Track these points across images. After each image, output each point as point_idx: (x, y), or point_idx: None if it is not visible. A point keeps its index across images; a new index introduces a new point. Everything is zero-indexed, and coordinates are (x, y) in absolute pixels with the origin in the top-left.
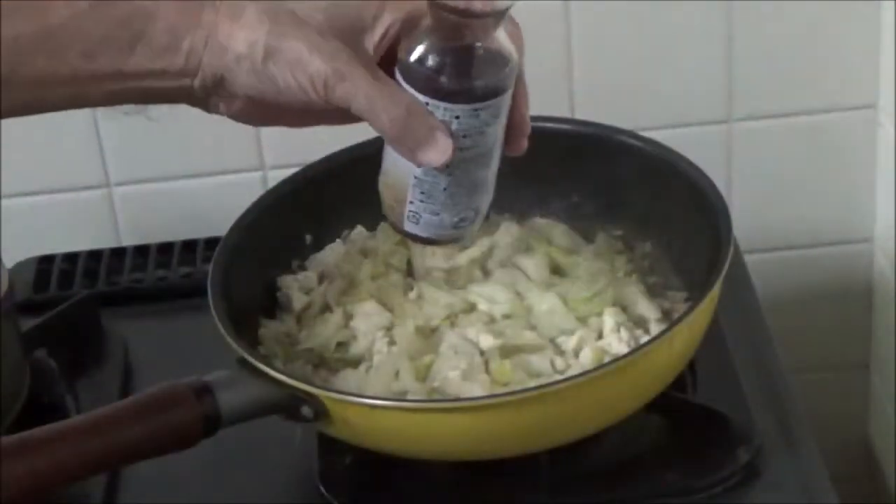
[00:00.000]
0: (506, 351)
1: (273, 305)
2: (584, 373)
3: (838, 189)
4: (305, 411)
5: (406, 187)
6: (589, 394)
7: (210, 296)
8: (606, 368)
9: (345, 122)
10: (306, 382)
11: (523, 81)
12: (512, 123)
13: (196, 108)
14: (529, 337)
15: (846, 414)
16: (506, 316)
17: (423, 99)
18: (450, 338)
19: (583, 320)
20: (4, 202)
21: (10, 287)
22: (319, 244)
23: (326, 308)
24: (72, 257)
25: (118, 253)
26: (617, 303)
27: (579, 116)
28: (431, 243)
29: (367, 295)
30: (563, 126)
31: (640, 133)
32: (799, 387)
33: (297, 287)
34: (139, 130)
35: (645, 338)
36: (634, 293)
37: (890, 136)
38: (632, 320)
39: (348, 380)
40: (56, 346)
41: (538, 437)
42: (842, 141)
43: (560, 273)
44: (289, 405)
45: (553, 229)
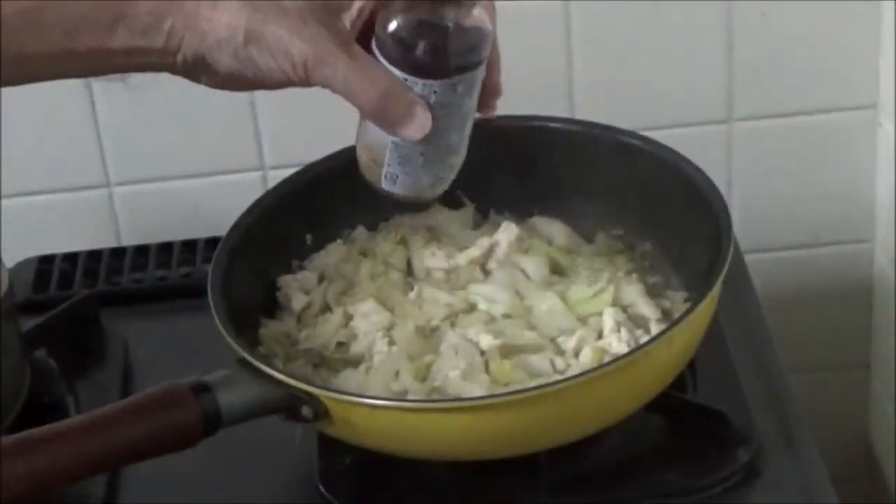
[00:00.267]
0: (506, 351)
1: (273, 305)
2: (584, 373)
3: (838, 189)
4: (305, 411)
5: (384, 150)
6: (589, 394)
7: (210, 296)
8: (606, 368)
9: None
10: (306, 382)
11: (496, 48)
12: (485, 89)
13: (196, 110)
14: (529, 337)
15: (846, 414)
16: (506, 316)
17: (401, 75)
18: (450, 338)
19: (583, 320)
20: (4, 202)
21: (10, 287)
22: (319, 244)
23: (326, 308)
24: (72, 257)
25: (118, 253)
26: (617, 303)
27: (579, 116)
28: (408, 201)
29: (367, 295)
30: (563, 126)
31: (640, 133)
32: (799, 387)
33: (297, 287)
34: (139, 130)
35: (645, 338)
36: (634, 293)
37: (890, 136)
38: (632, 320)
39: (348, 380)
40: (56, 346)
41: (538, 437)
42: (842, 141)
43: (560, 273)
44: (289, 405)
45: (553, 229)
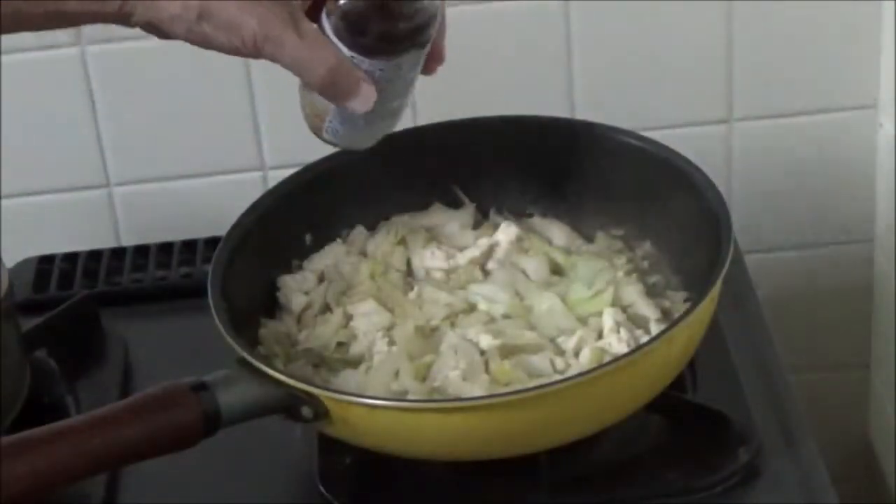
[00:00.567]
0: (506, 351)
1: (273, 305)
2: (584, 373)
3: (838, 189)
4: (305, 411)
5: (327, 108)
6: (589, 394)
7: (210, 296)
8: (606, 368)
9: None
10: (306, 382)
11: (443, 16)
12: (429, 54)
13: (196, 110)
14: (529, 337)
15: (846, 414)
16: (506, 316)
17: (348, 52)
18: (450, 338)
19: (583, 320)
20: (4, 202)
21: (10, 287)
22: (319, 244)
23: (326, 308)
24: (72, 257)
25: (118, 253)
26: (617, 303)
27: (579, 116)
28: (347, 149)
29: (367, 295)
30: (563, 126)
31: (640, 133)
32: (799, 387)
33: (297, 287)
34: (139, 130)
35: (645, 338)
36: (634, 293)
37: (890, 136)
38: (632, 320)
39: (348, 380)
40: (56, 346)
41: (538, 437)
42: (842, 141)
43: (560, 273)
44: (289, 405)
45: (553, 229)
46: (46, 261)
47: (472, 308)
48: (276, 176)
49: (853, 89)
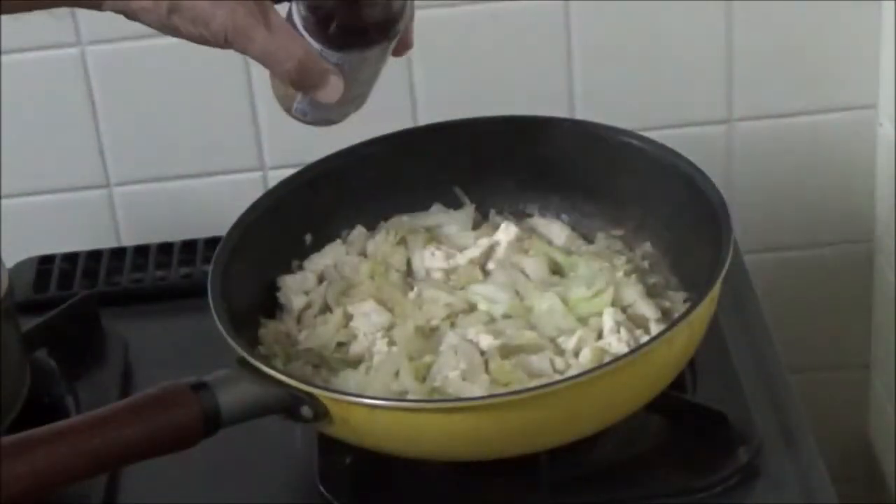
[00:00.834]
0: (506, 351)
1: (273, 305)
2: (584, 373)
3: (838, 189)
4: (305, 411)
5: (296, 91)
6: (589, 394)
7: (210, 296)
8: (606, 368)
9: None
10: (306, 382)
11: (412, 6)
12: (398, 42)
13: (196, 110)
14: (529, 337)
15: (846, 414)
16: (506, 316)
17: (317, 46)
18: (450, 338)
19: (583, 320)
20: (4, 202)
21: (10, 287)
22: (319, 244)
23: (326, 308)
24: (72, 257)
25: (118, 253)
26: (617, 303)
27: (579, 116)
28: (315, 125)
29: (367, 295)
30: (564, 126)
31: (640, 133)
32: (799, 387)
33: (297, 287)
34: (139, 130)
35: (645, 338)
36: (634, 293)
37: (890, 136)
38: (632, 320)
39: (348, 380)
40: (56, 346)
41: (538, 437)
42: (842, 141)
43: (560, 273)
44: (289, 405)
45: (553, 229)
46: (46, 261)
47: (472, 308)
48: (276, 176)
49: (853, 89)
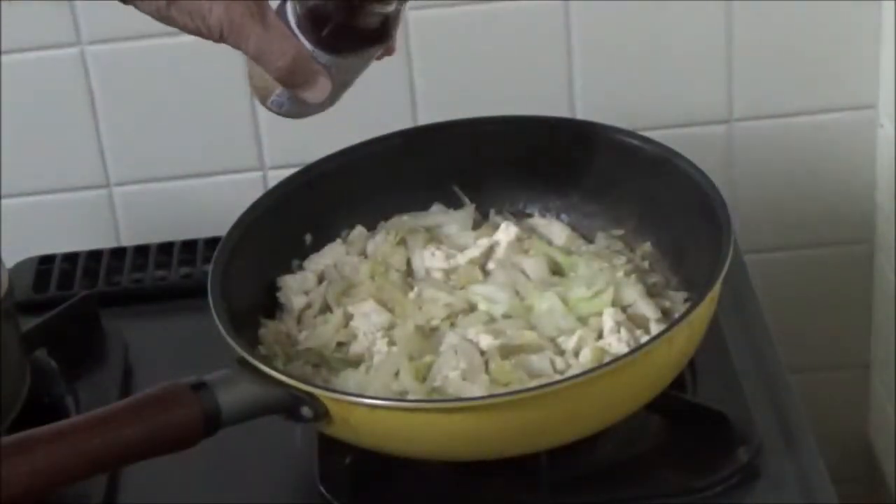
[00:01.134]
0: (506, 351)
1: (273, 305)
2: (584, 373)
3: (838, 189)
4: (305, 411)
5: (276, 85)
6: (589, 394)
7: (210, 296)
8: (606, 368)
9: None
10: (306, 382)
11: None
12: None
13: (196, 110)
14: (529, 337)
15: (846, 414)
16: (506, 316)
17: (309, 46)
18: (450, 338)
19: (583, 320)
20: (4, 202)
21: (10, 287)
22: (319, 244)
23: (326, 308)
24: (72, 257)
25: (118, 253)
26: (617, 303)
27: (579, 116)
28: (286, 116)
29: (367, 295)
30: (564, 126)
31: (640, 133)
32: (799, 387)
33: (297, 287)
34: (139, 130)
35: (645, 338)
36: (634, 293)
37: (890, 136)
38: (632, 320)
39: (348, 380)
40: (56, 346)
41: (538, 437)
42: (842, 141)
43: (560, 273)
44: (289, 405)
45: (553, 229)
46: (46, 261)
47: (472, 308)
48: (276, 176)
49: (853, 89)
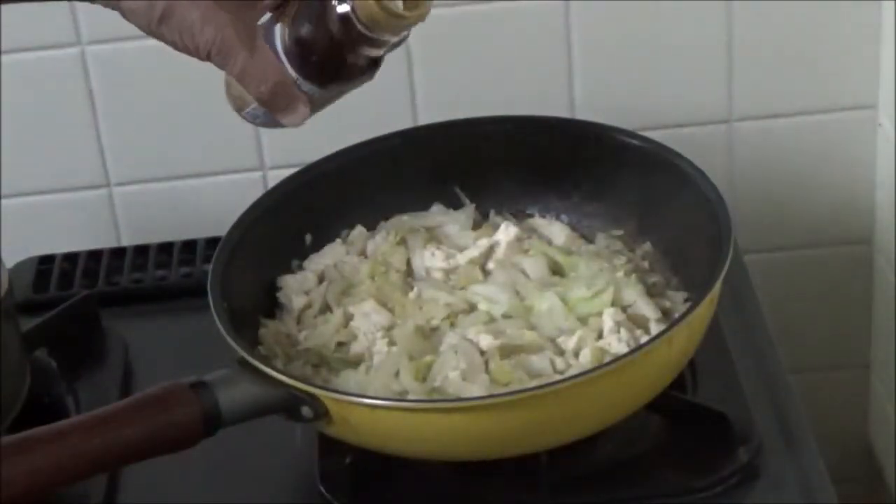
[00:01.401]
0: (506, 351)
1: (273, 305)
2: (584, 373)
3: (838, 189)
4: (305, 411)
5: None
6: (589, 394)
7: (210, 296)
8: (606, 368)
9: None
10: (306, 382)
11: None
12: None
13: (196, 110)
14: (529, 337)
15: (846, 414)
16: (506, 316)
17: (292, 73)
18: (450, 338)
19: (583, 320)
20: (4, 202)
21: (10, 287)
22: (319, 244)
23: (326, 308)
24: (72, 257)
25: (118, 253)
26: (617, 303)
27: (579, 116)
28: (260, 126)
29: (367, 295)
30: (564, 126)
31: (640, 133)
32: (799, 387)
33: (297, 287)
34: (139, 130)
35: (645, 338)
36: (634, 293)
37: (890, 136)
38: (632, 320)
39: (348, 380)
40: (56, 346)
41: (538, 437)
42: (842, 141)
43: (560, 273)
44: (289, 405)
45: (553, 229)
46: (46, 261)
47: (472, 308)
48: (276, 176)
49: (853, 89)
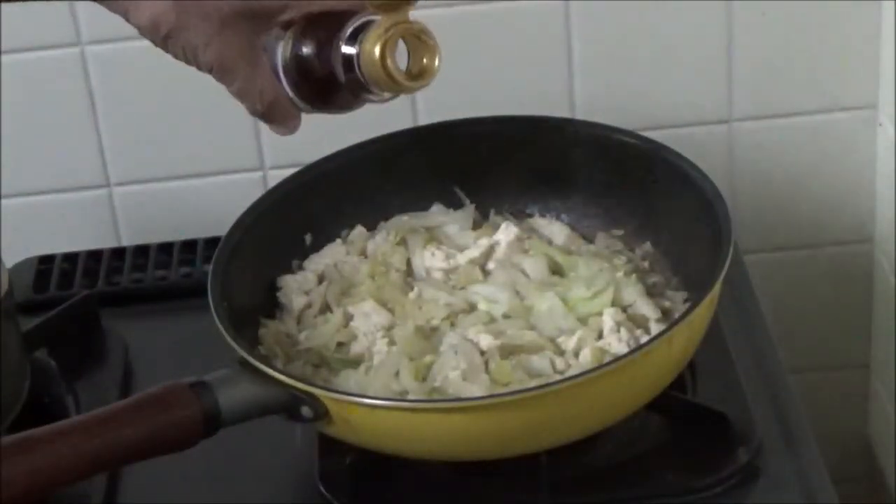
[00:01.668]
0: (506, 351)
1: (273, 305)
2: (584, 373)
3: (838, 189)
4: (305, 411)
5: None
6: (589, 394)
7: (210, 296)
8: (606, 368)
9: None
10: (306, 382)
11: None
12: None
13: (196, 110)
14: (529, 337)
15: (846, 414)
16: (506, 316)
17: (289, 91)
18: (450, 338)
19: (583, 320)
20: (4, 202)
21: (10, 287)
22: (319, 244)
23: (326, 308)
24: (72, 257)
25: (118, 253)
26: (617, 303)
27: (579, 116)
28: None
29: (367, 295)
30: (563, 126)
31: (640, 133)
32: (799, 387)
33: (297, 287)
34: (139, 130)
35: (645, 338)
36: (634, 293)
37: (890, 136)
38: (632, 320)
39: (348, 380)
40: (56, 346)
41: (538, 437)
42: (842, 141)
43: (560, 273)
44: (289, 405)
45: (553, 229)
46: (46, 261)
47: (472, 308)
48: (276, 176)
49: (853, 89)
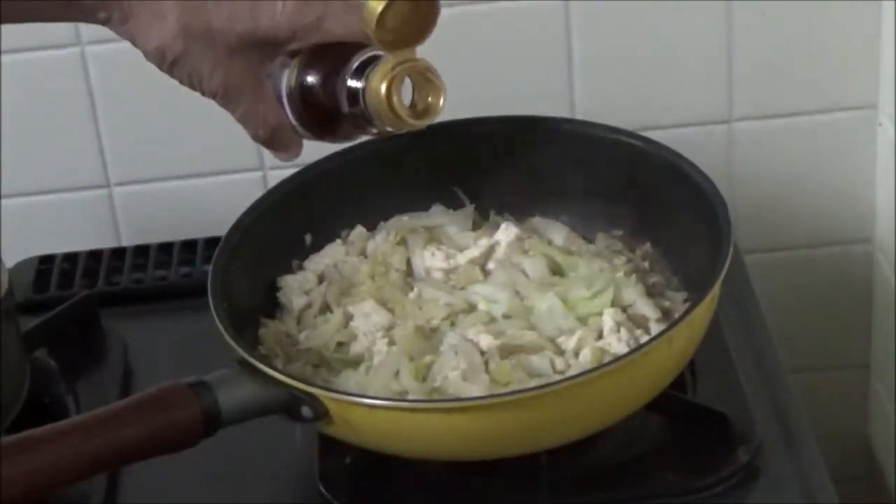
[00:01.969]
0: (506, 351)
1: (273, 305)
2: (584, 373)
3: (838, 189)
4: (305, 411)
5: None
6: (589, 394)
7: (210, 296)
8: (606, 368)
9: None
10: (306, 382)
11: None
12: None
13: (196, 110)
14: (529, 337)
15: (846, 414)
16: (506, 316)
17: (293, 119)
18: (450, 338)
19: (583, 320)
20: (4, 202)
21: (10, 287)
22: (319, 244)
23: (326, 308)
24: (72, 257)
25: (118, 253)
26: (617, 303)
27: (579, 116)
28: None
29: (367, 295)
30: (564, 126)
31: (640, 133)
32: (799, 387)
33: (297, 287)
34: (139, 130)
35: (645, 338)
36: (634, 293)
37: (890, 136)
38: (632, 320)
39: (348, 380)
40: (56, 346)
41: (538, 437)
42: (842, 141)
43: (560, 273)
44: (289, 405)
45: (553, 229)
46: (46, 261)
47: (472, 308)
48: (276, 176)
49: (853, 89)
